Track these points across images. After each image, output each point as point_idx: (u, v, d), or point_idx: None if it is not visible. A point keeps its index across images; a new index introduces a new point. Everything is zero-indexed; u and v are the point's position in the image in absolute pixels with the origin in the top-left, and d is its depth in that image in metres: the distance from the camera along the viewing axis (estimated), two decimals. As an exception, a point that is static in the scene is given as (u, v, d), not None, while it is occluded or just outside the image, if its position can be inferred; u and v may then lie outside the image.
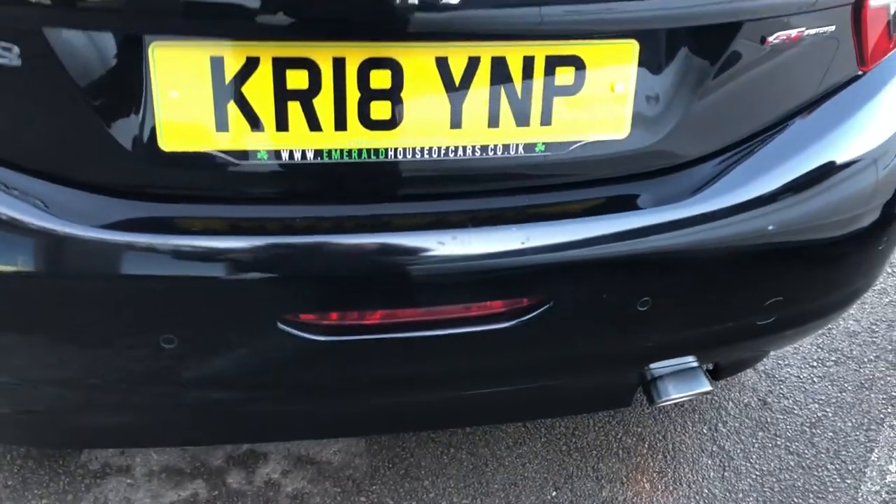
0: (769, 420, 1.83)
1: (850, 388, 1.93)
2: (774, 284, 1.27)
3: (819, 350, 2.00)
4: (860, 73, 1.24)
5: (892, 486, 1.73)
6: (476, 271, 1.09)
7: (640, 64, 1.08)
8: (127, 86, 0.97)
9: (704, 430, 1.80)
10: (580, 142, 1.10)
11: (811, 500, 1.69)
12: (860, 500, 1.69)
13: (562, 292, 1.14)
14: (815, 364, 1.97)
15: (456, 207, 1.10)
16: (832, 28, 1.14)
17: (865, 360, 2.00)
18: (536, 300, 1.13)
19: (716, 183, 1.19)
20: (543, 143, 1.09)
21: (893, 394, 1.92)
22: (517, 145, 1.09)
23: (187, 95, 0.98)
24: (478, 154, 1.08)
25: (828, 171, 1.23)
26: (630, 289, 1.18)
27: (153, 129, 0.99)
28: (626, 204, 1.16)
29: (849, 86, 1.24)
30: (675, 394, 1.37)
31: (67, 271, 1.03)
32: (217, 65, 0.98)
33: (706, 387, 1.38)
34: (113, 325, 1.06)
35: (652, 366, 1.36)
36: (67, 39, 0.93)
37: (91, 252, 1.02)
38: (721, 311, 1.28)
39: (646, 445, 1.76)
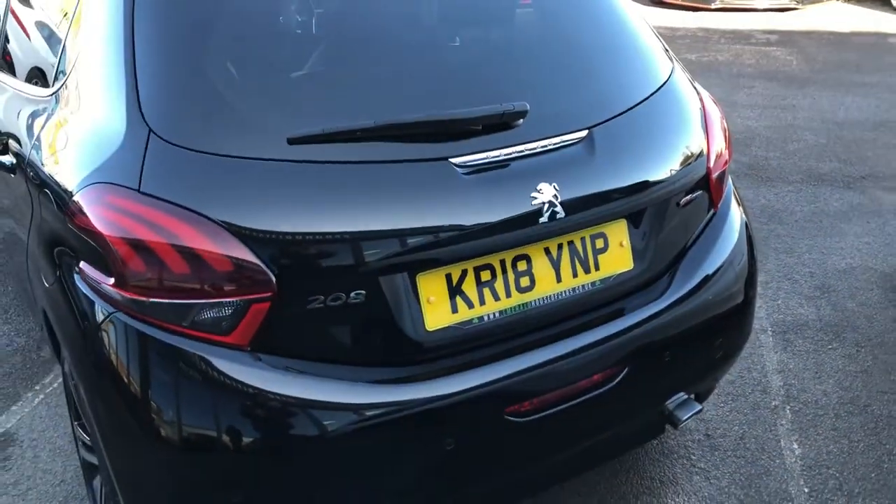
0: (716, 444, 2.76)
1: (747, 411, 2.93)
2: (719, 330, 2.24)
3: (717, 396, 3.00)
4: (714, 211, 2.31)
5: (799, 455, 2.70)
6: (588, 358, 1.94)
7: (630, 229, 2.05)
8: (407, 298, 1.75)
9: (685, 462, 2.68)
10: (612, 276, 2.03)
11: (764, 479, 2.60)
12: (788, 468, 2.64)
13: (629, 361, 2.02)
14: (721, 404, 2.96)
15: (568, 325, 1.96)
16: (701, 192, 2.21)
17: (748, 393, 3.03)
18: (619, 369, 2.00)
19: (671, 285, 2.17)
20: (599, 280, 2.00)
21: (771, 406, 2.95)
22: (586, 284, 1.98)
23: (435, 296, 1.78)
24: (570, 294, 1.96)
25: (718, 269, 2.25)
26: (657, 350, 2.08)
27: (422, 320, 1.77)
28: (640, 305, 2.09)
29: (711, 220, 2.30)
30: (685, 416, 2.23)
31: (390, 419, 1.74)
32: (448, 277, 1.80)
33: (699, 407, 2.27)
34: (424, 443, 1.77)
35: (666, 403, 2.24)
36: (382, 280, 1.71)
37: (398, 404, 1.74)
38: (698, 353, 2.22)
39: (656, 481, 2.59)
